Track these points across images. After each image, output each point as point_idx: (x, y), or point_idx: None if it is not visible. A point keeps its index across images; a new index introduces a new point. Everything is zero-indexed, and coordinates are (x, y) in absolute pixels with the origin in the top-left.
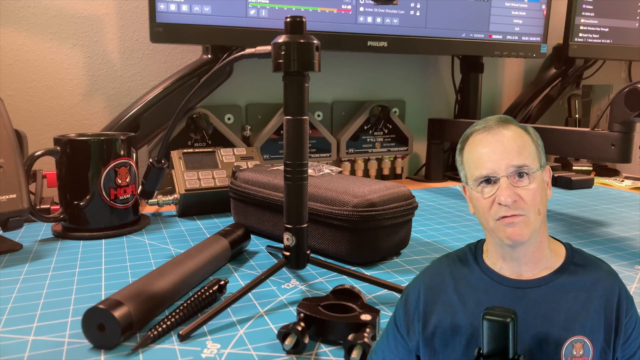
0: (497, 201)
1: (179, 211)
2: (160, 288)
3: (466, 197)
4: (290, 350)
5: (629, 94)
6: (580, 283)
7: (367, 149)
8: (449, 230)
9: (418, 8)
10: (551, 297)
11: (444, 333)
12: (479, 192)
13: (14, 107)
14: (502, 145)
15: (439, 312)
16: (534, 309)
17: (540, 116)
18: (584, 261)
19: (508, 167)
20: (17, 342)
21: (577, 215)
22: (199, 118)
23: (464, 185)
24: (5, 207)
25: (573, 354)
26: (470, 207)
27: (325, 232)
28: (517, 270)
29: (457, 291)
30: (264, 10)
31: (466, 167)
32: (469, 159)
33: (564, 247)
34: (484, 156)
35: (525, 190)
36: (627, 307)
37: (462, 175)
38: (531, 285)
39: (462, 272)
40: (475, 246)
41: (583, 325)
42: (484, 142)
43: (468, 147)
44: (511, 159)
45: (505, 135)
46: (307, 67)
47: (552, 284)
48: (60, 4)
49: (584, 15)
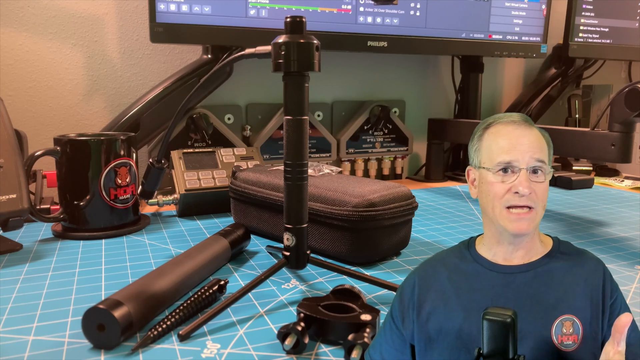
0: (513, 190)
1: (179, 211)
2: (160, 288)
3: (469, 180)
4: (290, 350)
5: (629, 94)
6: (566, 266)
7: (367, 149)
8: (449, 230)
9: (418, 8)
10: (539, 280)
11: (437, 319)
12: (498, 177)
13: (14, 107)
14: (528, 140)
15: (432, 299)
16: (523, 292)
17: (540, 116)
18: (569, 250)
19: (530, 160)
20: (17, 342)
21: (577, 215)
22: (199, 118)
23: (471, 167)
24: (5, 207)
25: (563, 332)
26: (472, 191)
27: (325, 232)
28: (510, 256)
29: (450, 279)
30: (264, 10)
31: (485, 151)
32: (491, 145)
33: (551, 239)
34: (509, 145)
35: (539, 185)
36: (612, 289)
37: (476, 159)
38: (520, 270)
39: (454, 262)
40: (468, 241)
41: (571, 304)
42: (511, 134)
43: (492, 134)
44: (534, 152)
45: (531, 132)
46: (307, 67)
47: (540, 268)
48: (60, 4)
49: (584, 15)
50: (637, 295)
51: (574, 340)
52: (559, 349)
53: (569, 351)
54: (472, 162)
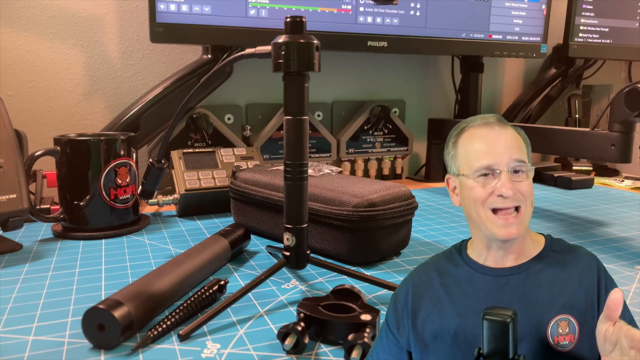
0: (496, 193)
1: (179, 211)
2: (160, 288)
3: (449, 189)
4: (290, 350)
5: (629, 94)
6: (559, 265)
7: (367, 149)
8: (449, 230)
9: (418, 8)
10: (533, 281)
11: (432, 326)
12: (479, 182)
13: (14, 107)
14: (504, 141)
15: (426, 306)
16: (517, 294)
17: (540, 116)
18: (562, 247)
19: (510, 161)
20: (17, 342)
21: (577, 215)
22: (199, 118)
23: (450, 176)
24: (5, 207)
25: (559, 332)
26: (453, 200)
27: (325, 232)
28: (501, 260)
29: (443, 285)
30: (264, 10)
31: (462, 158)
32: (467, 151)
33: (543, 237)
34: (485, 148)
35: (522, 184)
36: (607, 284)
37: (454, 166)
38: (513, 272)
39: (447, 268)
40: (460, 245)
41: (566, 304)
42: (486, 137)
43: (466, 139)
44: (512, 153)
45: (506, 132)
46: (307, 67)
47: (533, 269)
48: (60, 4)
49: (584, 15)
50: (637, 295)
51: (570, 339)
52: (556, 349)
53: (565, 351)
54: (450, 169)
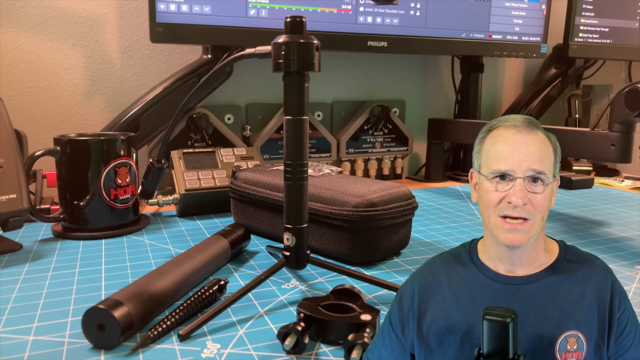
0: (507, 199)
1: (179, 211)
2: (160, 288)
3: (471, 183)
4: (290, 350)
5: (629, 94)
6: (573, 278)
7: (367, 149)
8: (449, 230)
9: (418, 8)
10: (544, 293)
11: (438, 330)
12: (493, 185)
13: (14, 107)
14: (527, 148)
15: (433, 309)
16: (528, 306)
17: (540, 116)
18: (577, 257)
19: (527, 170)
20: (17, 342)
21: (577, 215)
22: (199, 118)
23: (473, 171)
24: (5, 207)
25: (567, 349)
26: (473, 195)
27: (325, 232)
28: (512, 267)
29: (451, 289)
30: (264, 10)
31: (484, 156)
32: (490, 150)
33: (557, 245)
34: (506, 152)
35: (537, 196)
36: (620, 301)
37: (477, 162)
38: (524, 282)
39: (456, 270)
40: (469, 245)
41: (577, 320)
42: (510, 139)
43: (492, 138)
44: (532, 162)
45: (532, 138)
46: (307, 67)
47: (545, 280)
48: (60, 4)
49: (584, 15)
50: (637, 295)
51: (577, 357)
52: None
53: None
54: (474, 164)
